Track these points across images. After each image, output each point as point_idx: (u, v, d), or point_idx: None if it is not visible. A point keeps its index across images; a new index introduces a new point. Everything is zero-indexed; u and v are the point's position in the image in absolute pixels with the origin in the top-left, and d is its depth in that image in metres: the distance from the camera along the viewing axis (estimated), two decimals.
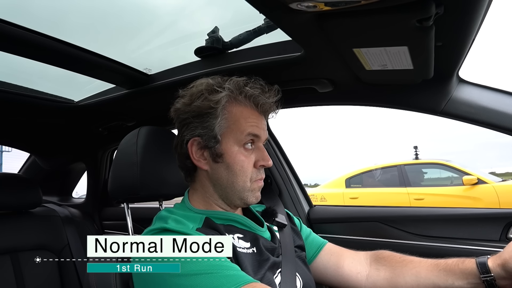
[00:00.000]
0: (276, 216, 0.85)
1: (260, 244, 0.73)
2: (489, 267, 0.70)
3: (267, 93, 0.75)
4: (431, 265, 0.78)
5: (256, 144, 0.75)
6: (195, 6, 1.01)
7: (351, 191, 5.48)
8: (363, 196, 5.30)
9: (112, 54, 1.06)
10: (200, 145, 0.74)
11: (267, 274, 0.69)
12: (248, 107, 0.74)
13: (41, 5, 0.92)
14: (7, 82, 1.23)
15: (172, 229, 0.65)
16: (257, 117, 0.75)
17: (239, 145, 0.73)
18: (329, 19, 0.67)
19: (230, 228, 0.73)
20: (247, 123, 0.73)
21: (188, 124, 0.74)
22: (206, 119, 0.72)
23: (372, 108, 1.16)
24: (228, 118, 0.73)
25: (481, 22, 0.71)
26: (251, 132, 0.73)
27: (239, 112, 0.73)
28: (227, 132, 0.73)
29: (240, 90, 0.73)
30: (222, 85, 0.73)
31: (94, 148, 1.84)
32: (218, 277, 0.58)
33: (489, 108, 0.90)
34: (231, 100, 0.73)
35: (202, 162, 0.74)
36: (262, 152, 0.75)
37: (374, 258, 0.86)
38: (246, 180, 0.73)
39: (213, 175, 0.74)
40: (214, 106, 0.72)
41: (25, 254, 1.25)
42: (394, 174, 5.39)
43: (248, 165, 0.73)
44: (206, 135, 0.72)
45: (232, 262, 0.64)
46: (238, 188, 0.73)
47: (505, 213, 1.06)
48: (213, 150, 0.73)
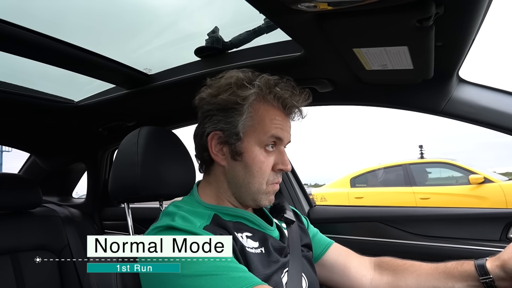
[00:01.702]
0: (284, 212, 0.84)
1: (269, 245, 0.72)
2: (488, 269, 0.71)
3: (297, 96, 0.72)
4: (431, 268, 0.78)
5: (277, 147, 0.73)
6: (195, 6, 1.01)
7: (356, 191, 5.40)
8: (368, 196, 5.21)
9: (112, 54, 1.06)
10: (220, 139, 0.72)
11: (275, 274, 0.69)
12: (276, 107, 0.72)
13: (41, 6, 0.92)
14: (7, 82, 1.22)
15: (178, 227, 0.64)
16: (283, 119, 0.73)
17: (260, 146, 0.71)
18: (329, 19, 0.67)
19: (238, 226, 0.72)
20: (272, 125, 0.71)
21: (211, 116, 0.72)
22: (231, 114, 0.70)
23: (373, 108, 1.16)
24: (253, 116, 0.70)
25: (481, 22, 0.71)
26: (274, 134, 0.71)
27: (265, 112, 0.71)
28: (250, 131, 0.70)
29: (270, 89, 0.71)
30: (252, 81, 0.71)
31: (94, 148, 1.83)
32: (223, 279, 0.57)
33: (489, 108, 0.91)
34: (259, 98, 0.71)
35: (220, 157, 0.72)
36: (282, 156, 0.73)
37: (377, 263, 0.87)
38: (262, 182, 0.71)
39: (230, 172, 0.73)
40: (241, 102, 0.69)
41: (25, 254, 1.25)
42: (399, 173, 5.32)
43: (266, 167, 0.71)
44: (228, 130, 0.70)
45: (241, 262, 0.64)
46: (253, 189, 0.72)
47: (505, 213, 1.06)
48: (233, 147, 0.71)
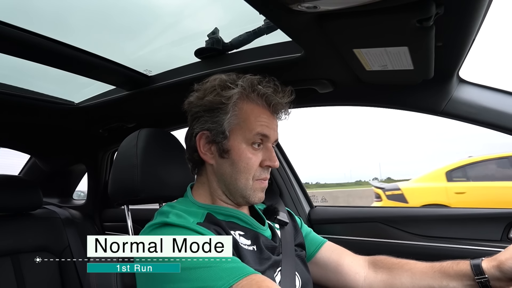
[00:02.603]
0: (277, 214, 0.85)
1: (260, 243, 0.73)
2: (483, 269, 0.71)
3: (280, 93, 0.74)
4: (426, 266, 0.78)
5: (264, 144, 0.75)
6: (195, 7, 1.01)
7: (455, 185, 4.64)
8: (471, 191, 4.45)
9: (112, 56, 1.06)
10: (208, 139, 0.74)
11: (267, 272, 0.69)
12: (260, 106, 0.74)
13: (42, 7, 0.92)
14: (7, 84, 1.23)
15: (172, 223, 0.65)
16: (268, 117, 0.75)
17: (247, 143, 0.73)
18: (329, 20, 0.67)
19: (231, 225, 0.73)
20: (257, 122, 0.73)
21: (199, 117, 0.74)
22: (216, 114, 0.72)
23: (371, 108, 1.16)
24: (238, 115, 0.72)
25: (481, 22, 0.71)
26: (260, 132, 0.73)
27: (250, 110, 0.73)
28: (236, 129, 0.73)
29: (253, 88, 0.73)
30: (235, 82, 0.73)
31: (95, 150, 1.83)
32: (217, 270, 0.58)
33: (489, 108, 0.90)
34: (243, 97, 0.73)
35: (209, 156, 0.75)
36: (270, 152, 0.75)
37: (372, 261, 0.87)
38: (248, 178, 0.73)
39: (218, 170, 0.74)
40: (225, 102, 0.72)
41: (26, 256, 1.25)
42: (506, 165, 4.51)
43: (254, 163, 0.73)
44: (215, 129, 0.73)
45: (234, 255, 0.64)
46: (241, 186, 0.73)
47: (506, 213, 1.06)
48: (220, 145, 0.73)
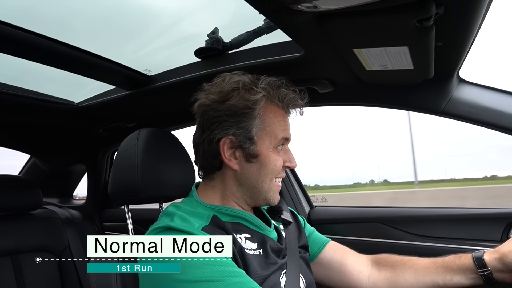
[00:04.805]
0: (281, 213, 0.85)
1: (267, 247, 0.72)
2: (486, 261, 0.72)
3: (298, 96, 0.75)
4: (429, 262, 0.79)
5: (284, 146, 0.76)
6: (195, 7, 1.01)
7: None
8: None
9: (112, 56, 1.06)
10: (232, 144, 0.72)
11: (273, 275, 0.69)
12: (280, 108, 0.74)
13: (43, 9, 0.92)
14: (7, 84, 1.23)
15: (176, 227, 0.64)
16: (284, 118, 0.75)
17: (273, 147, 0.73)
18: (329, 20, 0.67)
19: (237, 227, 0.72)
20: (280, 127, 0.73)
21: (221, 122, 0.71)
22: (243, 119, 0.70)
23: (372, 108, 1.16)
24: (264, 120, 0.72)
25: (481, 22, 0.71)
26: (284, 136, 0.74)
27: (273, 114, 0.73)
28: (262, 134, 0.72)
29: (275, 91, 0.72)
30: (257, 84, 0.72)
31: (95, 150, 1.83)
32: (224, 285, 0.57)
33: (489, 108, 0.90)
34: (268, 101, 0.73)
35: (233, 162, 0.72)
36: (289, 154, 0.76)
37: (375, 260, 0.87)
38: (272, 179, 0.74)
39: (242, 174, 0.73)
40: (252, 107, 0.70)
41: (26, 256, 1.25)
42: None
43: (280, 165, 0.74)
44: (241, 135, 0.71)
45: (239, 264, 0.64)
46: (265, 188, 0.73)
47: (506, 213, 1.06)
48: (246, 150, 0.71)
